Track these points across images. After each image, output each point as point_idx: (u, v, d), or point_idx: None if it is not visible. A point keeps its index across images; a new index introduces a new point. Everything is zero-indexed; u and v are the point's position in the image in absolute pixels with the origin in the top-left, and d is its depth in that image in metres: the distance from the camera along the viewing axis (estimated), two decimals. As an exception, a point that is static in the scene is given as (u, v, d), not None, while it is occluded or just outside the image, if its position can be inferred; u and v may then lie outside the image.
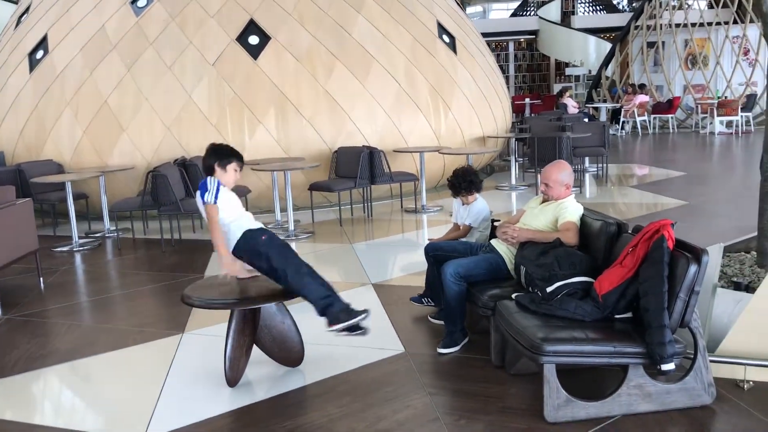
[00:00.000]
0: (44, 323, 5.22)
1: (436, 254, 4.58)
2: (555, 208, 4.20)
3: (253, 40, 9.19)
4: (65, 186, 7.73)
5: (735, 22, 18.71)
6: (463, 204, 5.00)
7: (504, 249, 4.30)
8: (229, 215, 3.85)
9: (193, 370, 4.20)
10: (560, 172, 4.24)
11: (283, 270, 3.69)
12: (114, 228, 8.26)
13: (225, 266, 3.83)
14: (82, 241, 7.83)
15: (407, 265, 6.44)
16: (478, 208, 4.91)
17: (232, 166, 3.92)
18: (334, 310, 3.65)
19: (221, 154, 3.94)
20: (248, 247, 3.80)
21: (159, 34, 9.16)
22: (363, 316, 3.66)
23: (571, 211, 4.15)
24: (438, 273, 4.35)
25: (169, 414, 3.64)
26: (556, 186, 4.23)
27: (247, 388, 3.91)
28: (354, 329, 3.65)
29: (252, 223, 3.92)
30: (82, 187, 8.69)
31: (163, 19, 9.27)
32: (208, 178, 3.86)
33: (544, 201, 4.33)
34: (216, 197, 3.79)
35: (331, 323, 3.64)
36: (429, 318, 4.82)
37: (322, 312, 3.68)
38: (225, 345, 3.83)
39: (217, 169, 3.90)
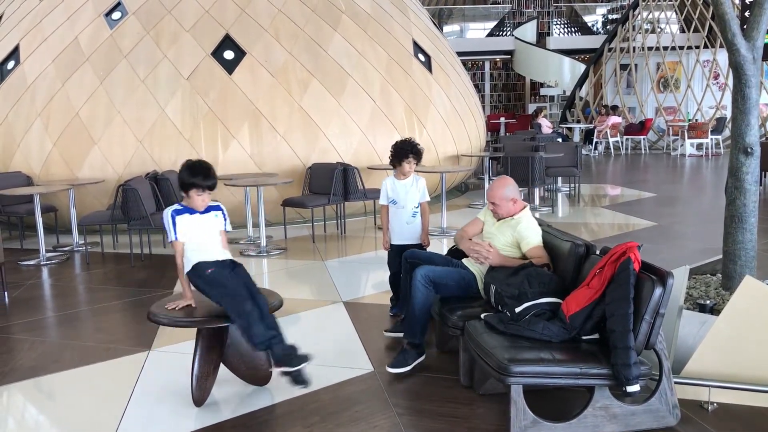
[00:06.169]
0: (8, 339, 5.12)
1: (413, 262, 4.47)
2: (512, 226, 4.22)
3: (228, 55, 9.18)
4: (33, 198, 7.63)
5: (705, 46, 19.10)
6: (399, 179, 5.02)
7: (477, 268, 4.30)
8: (188, 243, 3.81)
9: (159, 388, 4.14)
10: (503, 188, 4.25)
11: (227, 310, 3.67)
12: (83, 242, 8.14)
13: (185, 299, 3.82)
14: (49, 254, 7.72)
15: (379, 283, 6.41)
16: (422, 181, 5.02)
17: (193, 192, 3.77)
18: (278, 351, 3.59)
19: (184, 178, 3.78)
20: (193, 281, 3.81)
21: (133, 47, 9.10)
22: (303, 365, 3.57)
23: (531, 233, 4.17)
24: (410, 279, 4.30)
25: (132, 433, 3.58)
26: (503, 203, 4.25)
27: (214, 407, 3.86)
28: (297, 380, 3.58)
29: (207, 254, 3.80)
30: (51, 199, 8.57)
31: (137, 32, 9.22)
32: (165, 212, 3.82)
33: (499, 219, 4.34)
34: (175, 232, 3.77)
35: (276, 363, 3.60)
36: (384, 332, 4.78)
37: (265, 348, 3.64)
38: (192, 364, 3.78)
39: (183, 193, 3.83)
